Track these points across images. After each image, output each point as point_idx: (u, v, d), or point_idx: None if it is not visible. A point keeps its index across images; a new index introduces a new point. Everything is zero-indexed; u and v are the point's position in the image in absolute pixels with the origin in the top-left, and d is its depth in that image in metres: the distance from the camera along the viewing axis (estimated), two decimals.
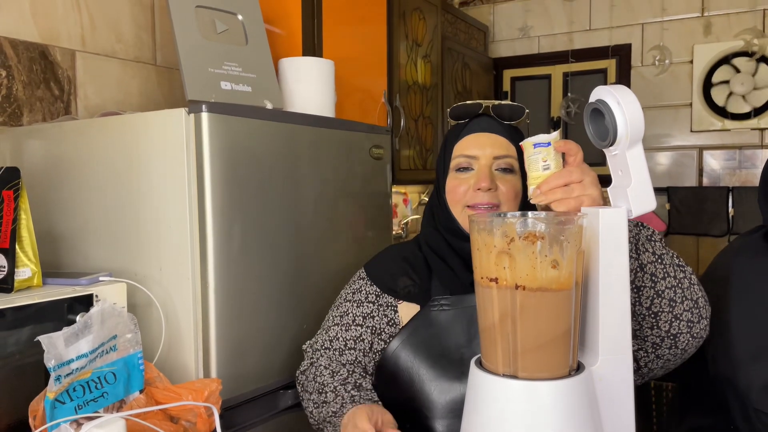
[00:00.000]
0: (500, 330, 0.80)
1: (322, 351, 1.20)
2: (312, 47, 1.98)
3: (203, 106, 1.23)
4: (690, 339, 0.96)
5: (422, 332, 1.10)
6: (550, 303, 0.79)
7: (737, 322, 1.03)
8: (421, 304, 1.13)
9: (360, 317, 1.18)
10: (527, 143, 0.91)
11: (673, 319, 0.95)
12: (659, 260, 0.95)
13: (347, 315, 1.19)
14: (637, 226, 0.97)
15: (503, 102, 1.15)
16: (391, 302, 1.17)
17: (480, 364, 0.85)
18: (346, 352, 1.17)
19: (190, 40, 1.49)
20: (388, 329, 1.16)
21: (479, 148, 1.11)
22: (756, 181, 3.01)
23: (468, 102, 1.15)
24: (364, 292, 1.20)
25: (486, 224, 0.80)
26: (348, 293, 1.22)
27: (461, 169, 1.12)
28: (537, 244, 0.77)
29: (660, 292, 0.94)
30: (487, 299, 0.81)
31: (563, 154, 0.91)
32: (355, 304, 1.19)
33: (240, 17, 1.65)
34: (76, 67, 1.71)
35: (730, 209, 3.00)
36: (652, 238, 0.97)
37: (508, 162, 1.11)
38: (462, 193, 1.11)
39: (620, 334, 0.85)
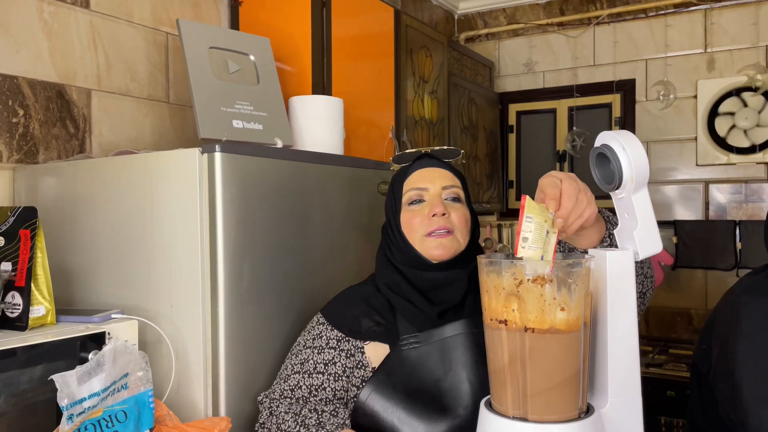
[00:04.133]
0: (510, 372, 0.81)
1: (281, 400, 1.20)
2: (321, 84, 2.02)
3: (216, 146, 1.26)
4: (651, 294, 1.10)
5: (397, 372, 1.11)
6: (559, 345, 0.79)
7: (745, 364, 1.02)
8: (389, 342, 1.15)
9: (321, 364, 1.19)
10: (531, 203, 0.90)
11: (644, 279, 1.06)
12: None
13: (308, 362, 1.20)
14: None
15: (440, 147, 1.25)
16: (356, 344, 1.19)
17: (490, 405, 0.85)
18: (311, 400, 1.18)
19: (204, 80, 1.53)
20: (358, 372, 1.17)
21: (428, 181, 1.19)
22: (763, 215, 3.01)
23: (408, 150, 1.26)
24: (324, 337, 1.21)
25: (495, 267, 0.81)
26: (307, 339, 1.22)
27: (414, 202, 1.19)
28: (545, 287, 0.78)
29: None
30: (497, 341, 0.82)
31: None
32: (316, 351, 1.20)
33: (252, 58, 1.69)
34: (92, 106, 1.75)
35: (738, 243, 3.00)
36: None
37: (455, 191, 1.19)
38: (418, 224, 1.16)
39: (629, 376, 0.85)
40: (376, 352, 1.17)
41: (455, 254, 1.15)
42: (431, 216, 1.15)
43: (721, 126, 3.11)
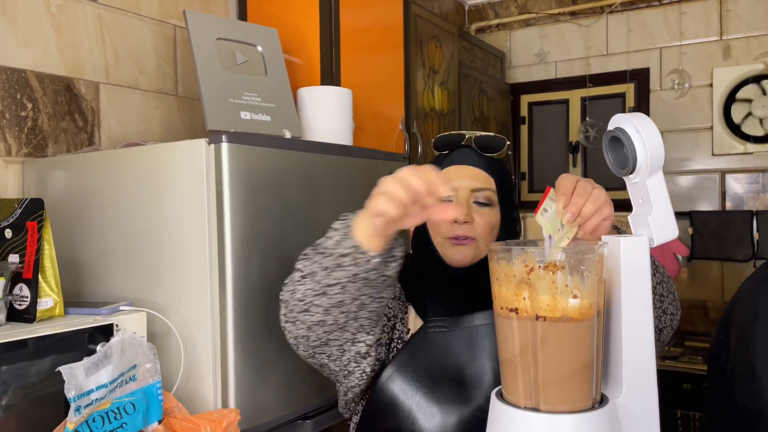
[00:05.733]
0: (521, 361, 0.79)
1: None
2: (330, 76, 2.01)
3: (223, 137, 1.25)
4: (671, 331, 1.02)
5: (421, 354, 1.08)
6: (571, 333, 0.77)
7: (764, 354, 1.00)
8: (423, 317, 1.13)
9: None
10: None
11: (662, 314, 0.99)
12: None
13: None
14: None
15: (485, 134, 1.17)
16: (404, 300, 1.17)
17: (501, 396, 0.83)
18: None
19: (211, 72, 1.52)
20: (400, 327, 1.15)
21: (458, 181, 1.13)
22: None
23: (452, 132, 1.18)
24: None
25: (505, 254, 0.79)
26: None
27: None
28: (557, 274, 0.76)
29: (653, 287, 0.95)
30: (507, 330, 0.80)
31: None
32: None
33: (260, 49, 1.68)
34: (100, 99, 1.74)
35: (755, 233, 2.95)
36: None
37: (486, 195, 1.13)
38: (440, 225, 1.12)
39: (644, 365, 0.83)
40: (414, 321, 1.15)
41: (474, 261, 1.12)
42: (453, 221, 1.10)
43: (738, 115, 3.06)
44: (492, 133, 1.19)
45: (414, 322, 1.15)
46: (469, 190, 1.12)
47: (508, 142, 1.18)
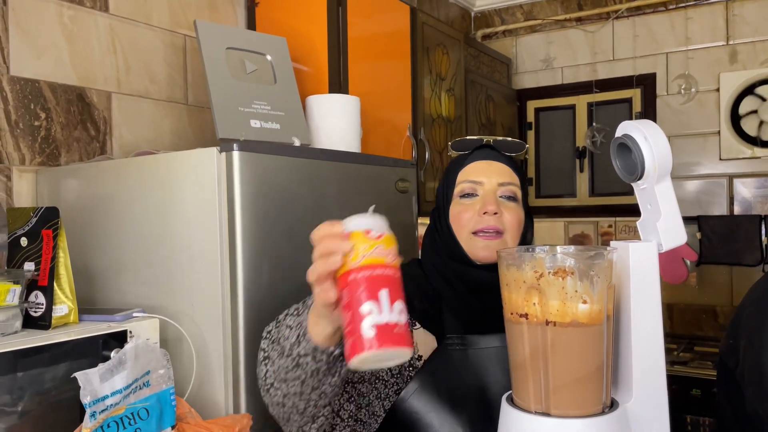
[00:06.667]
0: (531, 366, 0.79)
1: None
2: (338, 83, 2.03)
3: (234, 145, 1.26)
4: None
5: (442, 372, 1.04)
6: (581, 338, 0.78)
7: None
8: (437, 335, 1.09)
9: None
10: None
11: None
12: None
13: None
14: None
15: (503, 137, 1.17)
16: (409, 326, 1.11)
17: (511, 400, 0.84)
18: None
19: (221, 81, 1.54)
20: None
21: (484, 175, 1.11)
22: None
23: (470, 137, 1.17)
24: None
25: (515, 259, 0.80)
26: None
27: (466, 195, 1.11)
28: (567, 280, 0.77)
29: None
30: (518, 335, 0.81)
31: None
32: None
33: (269, 57, 1.70)
34: (112, 108, 1.77)
35: (764, 237, 2.94)
36: None
37: (511, 190, 1.11)
38: (467, 219, 1.09)
39: (654, 370, 0.84)
40: (423, 341, 1.09)
41: None
42: (482, 213, 1.07)
43: (747, 123, 3.05)
44: (509, 138, 1.19)
45: (424, 344, 1.09)
46: (496, 184, 1.10)
47: (527, 146, 1.17)
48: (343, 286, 0.77)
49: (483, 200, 1.09)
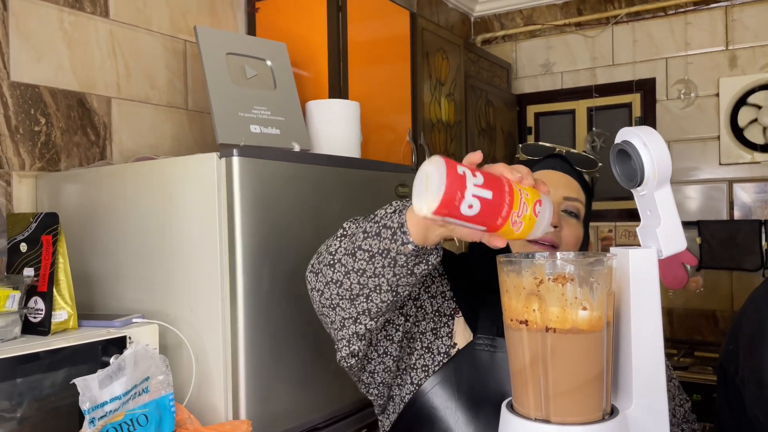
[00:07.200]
0: (531, 373, 0.79)
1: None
2: (338, 88, 2.03)
3: (234, 150, 1.26)
4: None
5: (465, 370, 1.03)
6: (581, 345, 0.78)
7: None
8: (472, 330, 1.07)
9: (429, 278, 1.06)
10: None
11: None
12: None
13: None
14: None
15: (577, 152, 1.13)
16: (452, 306, 1.08)
17: (511, 407, 0.84)
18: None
19: (221, 86, 1.54)
20: (445, 341, 1.06)
21: (552, 186, 1.05)
22: None
23: (543, 143, 1.13)
24: (439, 267, 1.09)
25: (514, 266, 0.80)
26: None
27: None
28: (567, 286, 0.77)
29: None
30: (517, 342, 0.80)
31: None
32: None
33: (269, 63, 1.70)
34: (112, 113, 1.77)
35: (764, 242, 2.94)
36: None
37: (575, 206, 1.08)
38: None
39: (654, 377, 0.83)
40: (462, 332, 1.07)
41: None
42: None
43: (746, 128, 3.06)
44: (584, 153, 1.15)
45: (462, 335, 1.08)
46: (561, 197, 1.07)
47: (600, 164, 1.12)
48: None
49: None
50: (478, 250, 1.11)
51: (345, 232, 0.93)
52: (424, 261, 0.89)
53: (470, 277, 1.11)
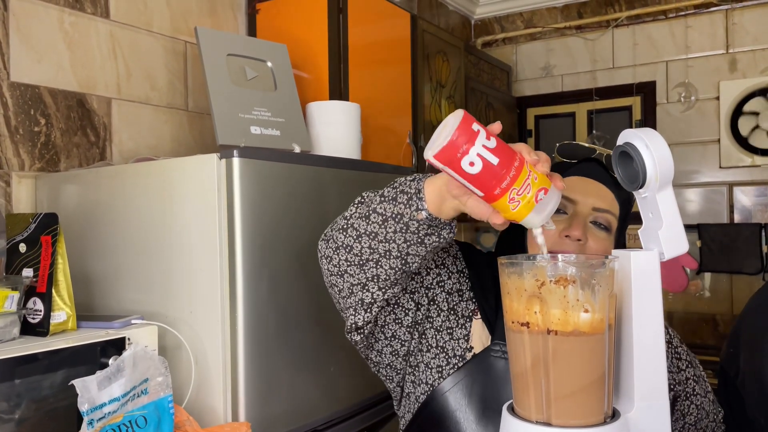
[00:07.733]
0: (533, 376, 0.79)
1: None
2: (338, 90, 2.03)
3: (234, 152, 1.26)
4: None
5: (478, 376, 1.01)
6: (583, 347, 0.77)
7: None
8: (491, 333, 1.04)
9: (445, 272, 1.05)
10: None
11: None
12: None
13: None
14: None
15: None
16: (471, 307, 1.05)
17: (512, 410, 0.83)
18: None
19: (222, 87, 1.54)
20: (461, 343, 1.03)
21: (581, 194, 1.00)
22: None
23: (581, 143, 1.06)
24: (458, 262, 1.07)
25: (516, 268, 0.80)
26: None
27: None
28: (568, 288, 0.76)
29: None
30: (519, 344, 0.80)
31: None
32: (450, 258, 1.04)
33: (269, 64, 1.70)
34: (112, 114, 1.77)
35: (764, 246, 2.94)
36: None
37: (606, 218, 1.00)
38: (547, 236, 0.95)
39: (656, 379, 0.83)
40: (479, 334, 1.03)
41: None
42: (564, 235, 0.97)
43: (745, 128, 3.06)
44: None
45: (480, 339, 1.05)
46: (591, 207, 1.00)
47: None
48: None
49: (570, 222, 0.98)
50: (504, 249, 1.08)
51: (362, 199, 0.94)
52: (436, 234, 0.88)
53: (494, 275, 1.06)
